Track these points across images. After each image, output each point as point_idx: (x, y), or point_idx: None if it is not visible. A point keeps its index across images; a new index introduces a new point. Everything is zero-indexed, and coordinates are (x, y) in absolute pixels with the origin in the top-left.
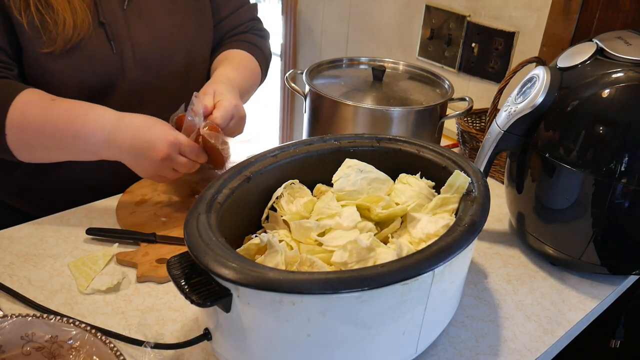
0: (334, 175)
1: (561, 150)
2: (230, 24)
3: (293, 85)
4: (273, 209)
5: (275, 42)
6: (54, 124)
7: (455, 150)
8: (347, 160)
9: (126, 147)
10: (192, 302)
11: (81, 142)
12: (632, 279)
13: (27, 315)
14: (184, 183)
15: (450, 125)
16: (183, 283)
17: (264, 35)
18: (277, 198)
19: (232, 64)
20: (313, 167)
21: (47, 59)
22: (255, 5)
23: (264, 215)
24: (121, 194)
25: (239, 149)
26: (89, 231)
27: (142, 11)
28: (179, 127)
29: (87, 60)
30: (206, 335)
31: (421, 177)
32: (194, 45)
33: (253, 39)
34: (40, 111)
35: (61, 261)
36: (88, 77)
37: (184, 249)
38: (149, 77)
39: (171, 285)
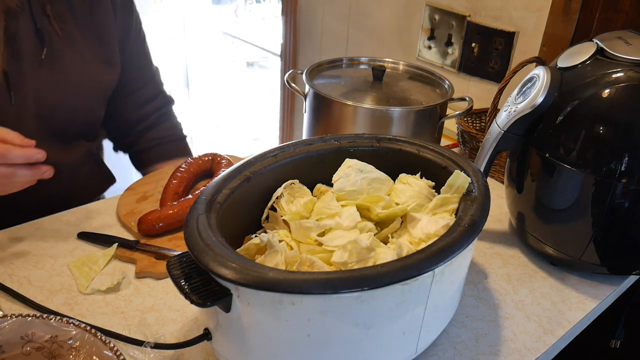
0: (334, 175)
1: (561, 150)
2: (136, 104)
3: (293, 85)
4: (273, 209)
5: (275, 42)
6: None
7: (455, 150)
8: (347, 160)
9: None
10: (192, 302)
11: None
12: (632, 279)
13: (27, 315)
14: None
15: (450, 125)
16: (183, 283)
17: (170, 115)
18: (277, 198)
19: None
20: (313, 167)
21: None
22: (157, 72)
23: (264, 215)
24: (121, 194)
25: (242, 149)
26: (80, 235)
27: (56, 67)
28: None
29: None
30: (206, 335)
31: (421, 177)
32: (97, 104)
33: (168, 133)
34: None
35: (61, 261)
36: None
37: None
38: (47, 132)
39: (171, 285)
